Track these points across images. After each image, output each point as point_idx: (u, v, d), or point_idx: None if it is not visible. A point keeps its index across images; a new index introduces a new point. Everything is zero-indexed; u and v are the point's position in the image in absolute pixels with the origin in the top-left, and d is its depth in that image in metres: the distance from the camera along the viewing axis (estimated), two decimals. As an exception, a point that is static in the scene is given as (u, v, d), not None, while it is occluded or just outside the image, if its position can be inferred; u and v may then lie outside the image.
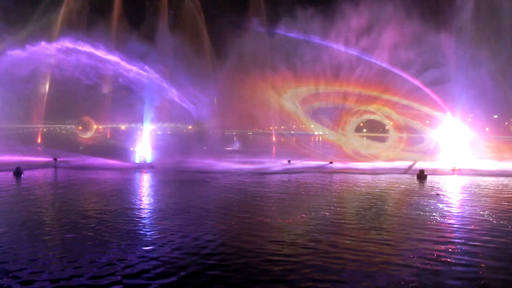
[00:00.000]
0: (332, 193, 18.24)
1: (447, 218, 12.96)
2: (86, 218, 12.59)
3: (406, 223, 12.21)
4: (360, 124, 45.16)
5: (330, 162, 27.87)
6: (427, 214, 13.39)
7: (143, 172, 24.91)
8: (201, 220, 12.47)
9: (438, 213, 13.61)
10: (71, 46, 27.16)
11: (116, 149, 34.50)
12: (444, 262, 8.77)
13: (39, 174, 23.93)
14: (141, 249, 9.62)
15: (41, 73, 35.60)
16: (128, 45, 30.86)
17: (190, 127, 44.78)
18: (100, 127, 54.58)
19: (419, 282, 7.74)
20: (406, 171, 24.87)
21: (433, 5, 33.47)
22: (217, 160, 29.34)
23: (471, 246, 9.87)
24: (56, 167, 26.42)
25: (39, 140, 46.53)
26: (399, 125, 37.55)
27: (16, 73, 28.40)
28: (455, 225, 12.13)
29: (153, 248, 9.68)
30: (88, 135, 52.49)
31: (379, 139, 43.75)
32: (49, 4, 38.41)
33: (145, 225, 12.15)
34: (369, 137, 48.48)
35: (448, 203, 15.68)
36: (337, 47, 34.49)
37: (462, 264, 8.65)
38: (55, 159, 27.26)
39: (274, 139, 51.59)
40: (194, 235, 10.66)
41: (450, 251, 9.55)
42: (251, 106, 37.38)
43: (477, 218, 12.86)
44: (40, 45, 27.66)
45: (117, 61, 28.50)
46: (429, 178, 21.78)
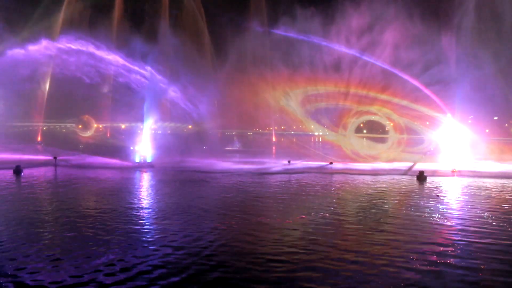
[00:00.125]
0: (332, 194, 18.24)
1: (447, 220, 12.95)
2: (86, 217, 12.59)
3: (406, 224, 12.21)
4: (360, 125, 45.19)
5: (330, 163, 27.87)
6: (427, 215, 13.40)
7: (143, 172, 24.92)
8: (201, 220, 12.47)
9: (438, 214, 13.60)
10: (73, 46, 27.15)
11: (116, 148, 34.52)
12: (444, 264, 8.78)
13: (39, 172, 23.92)
14: (142, 249, 9.62)
15: (42, 72, 35.60)
16: (128, 44, 30.88)
17: (190, 126, 44.80)
18: (100, 126, 54.62)
19: (419, 285, 7.75)
20: (406, 172, 24.85)
21: (433, 5, 33.46)
22: (217, 160, 29.35)
23: (472, 248, 9.87)
24: (56, 166, 26.43)
25: (39, 139, 46.54)
26: (399, 126, 37.55)
27: (17, 72, 28.41)
28: (455, 227, 12.11)
29: (154, 248, 9.66)
30: (88, 134, 52.54)
31: (379, 140, 43.76)
32: (50, 4, 38.46)
33: (146, 225, 12.15)
34: (369, 138, 48.49)
35: (448, 204, 15.68)
36: (337, 47, 34.48)
37: (463, 267, 8.64)
38: (55, 158, 27.27)
39: (274, 139, 51.65)
40: (194, 235, 10.67)
41: (450, 254, 9.55)
42: (251, 106, 37.38)
43: (477, 220, 12.86)
44: (41, 44, 27.64)
45: (118, 60, 28.49)
46: (428, 179, 21.76)
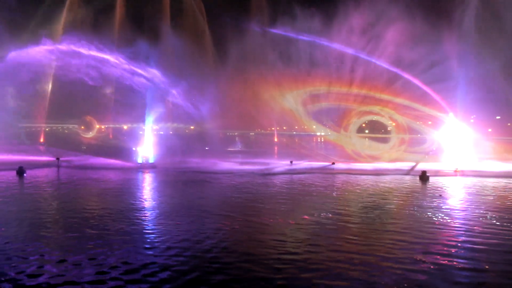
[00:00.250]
0: (334, 194, 18.20)
1: (451, 220, 12.88)
2: (89, 218, 12.58)
3: (410, 225, 12.15)
4: (362, 125, 45.08)
5: (332, 163, 27.83)
6: (430, 216, 13.33)
7: (145, 172, 24.95)
8: (204, 222, 12.43)
9: (442, 214, 13.53)
10: (75, 48, 27.20)
11: (118, 149, 34.56)
12: (449, 266, 8.70)
13: (41, 173, 23.98)
14: (145, 252, 9.57)
15: (44, 73, 35.67)
16: (130, 46, 30.93)
17: (192, 127, 44.81)
18: (103, 127, 54.70)
19: (425, 286, 7.68)
20: (409, 172, 24.78)
21: (435, 4, 33.34)
22: (219, 161, 29.34)
23: (476, 249, 9.78)
24: (58, 167, 26.51)
25: (41, 140, 46.66)
26: (401, 126, 37.44)
27: (19, 73, 28.48)
28: (459, 228, 12.03)
29: (158, 250, 9.60)
30: (90, 134, 52.64)
31: (381, 140, 43.65)
32: (53, 4, 38.55)
33: (148, 226, 12.13)
34: (371, 138, 48.37)
35: (451, 204, 15.62)
36: (339, 47, 34.42)
37: (469, 269, 8.57)
38: (57, 159, 27.35)
39: (276, 139, 51.63)
40: (197, 237, 10.61)
41: (455, 255, 9.46)
42: (253, 107, 37.35)
43: (482, 220, 12.80)
44: (43, 45, 27.70)
45: (119, 62, 28.51)
46: (431, 179, 21.71)
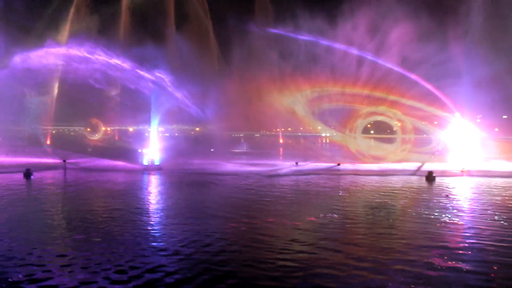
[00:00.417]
0: (340, 195, 18.17)
1: (458, 221, 12.80)
2: (95, 221, 12.65)
3: (417, 226, 12.09)
4: (368, 125, 44.89)
5: (338, 164, 27.78)
6: (438, 216, 13.26)
7: (151, 174, 25.05)
8: (211, 223, 12.45)
9: (449, 215, 13.45)
10: (80, 53, 27.41)
11: (124, 151, 34.72)
12: (456, 269, 8.61)
13: (48, 175, 24.17)
14: (153, 255, 9.51)
15: (51, 76, 35.94)
16: (136, 49, 31.08)
17: (197, 129, 44.92)
18: (108, 129, 55.02)
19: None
20: (415, 173, 24.69)
21: (442, 4, 33.15)
22: (225, 162, 29.37)
23: (485, 251, 9.68)
24: (65, 169, 26.70)
25: (48, 142, 46.98)
26: (407, 127, 37.25)
27: (25, 77, 28.72)
28: (467, 229, 11.93)
29: (164, 254, 9.57)
30: (96, 137, 52.98)
31: (387, 141, 43.46)
32: (59, 7, 38.84)
33: (155, 228, 12.18)
34: (376, 139, 48.16)
35: (458, 205, 15.54)
36: (345, 48, 34.32)
37: (477, 272, 8.45)
38: (64, 161, 27.57)
39: (281, 141, 51.58)
40: (205, 241, 10.55)
41: (463, 258, 9.35)
42: (258, 108, 37.35)
43: (490, 221, 12.70)
44: (50, 49, 27.92)
45: (125, 64, 28.66)
46: (438, 179, 21.60)
